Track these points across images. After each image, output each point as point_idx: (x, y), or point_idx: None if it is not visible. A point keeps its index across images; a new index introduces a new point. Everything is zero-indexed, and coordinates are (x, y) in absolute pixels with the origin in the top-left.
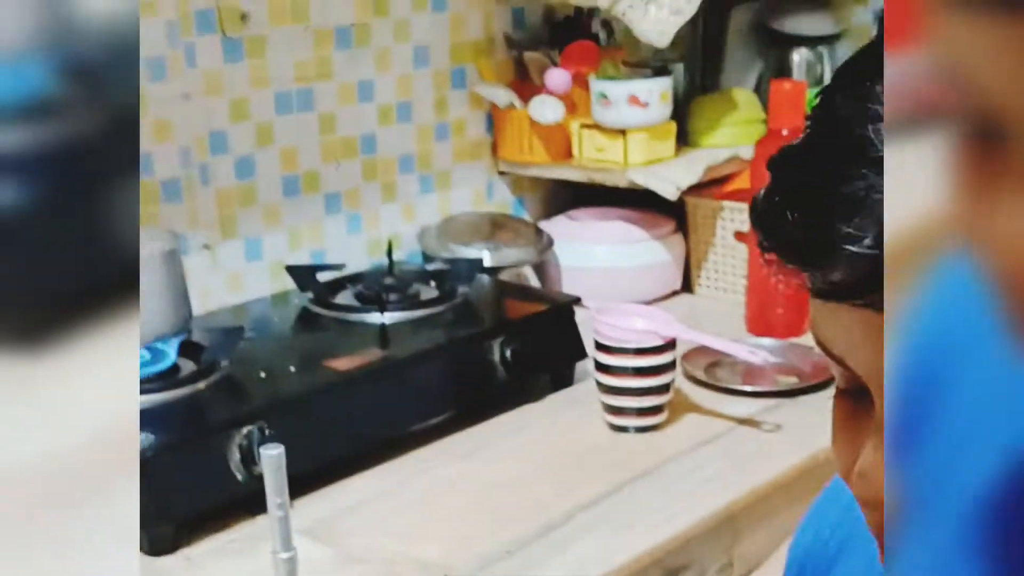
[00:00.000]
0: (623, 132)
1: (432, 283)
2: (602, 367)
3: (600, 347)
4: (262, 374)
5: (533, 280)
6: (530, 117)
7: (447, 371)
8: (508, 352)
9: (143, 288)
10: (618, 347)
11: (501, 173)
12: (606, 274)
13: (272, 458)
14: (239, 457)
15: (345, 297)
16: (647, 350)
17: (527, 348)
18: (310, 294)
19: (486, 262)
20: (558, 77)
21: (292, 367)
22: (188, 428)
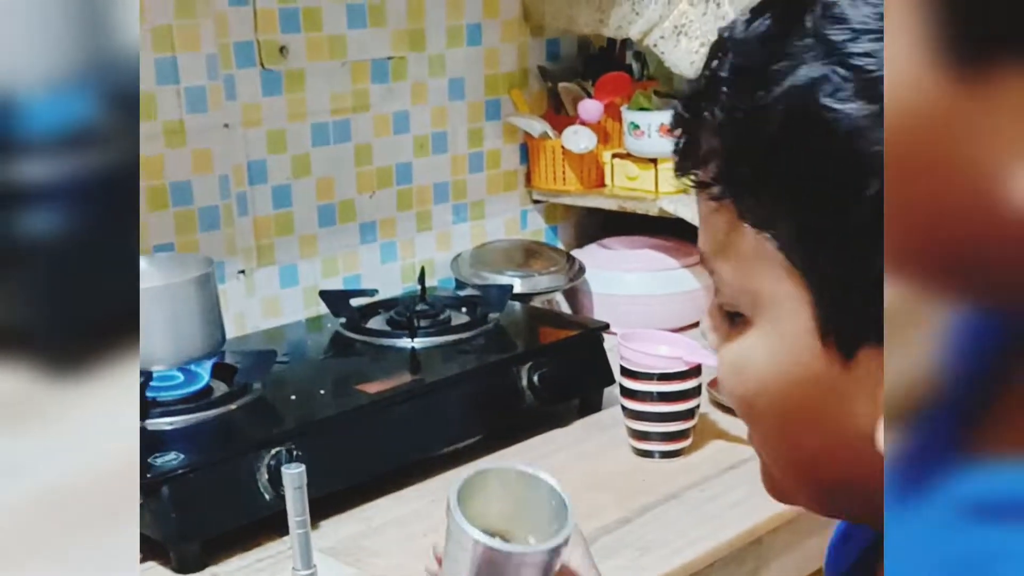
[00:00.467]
0: (654, 161)
1: (463, 309)
2: (627, 392)
3: (625, 372)
4: (293, 396)
5: (564, 307)
6: (563, 147)
7: (476, 395)
8: (536, 377)
9: (178, 311)
10: (643, 372)
11: (535, 201)
12: (637, 301)
13: (293, 476)
14: (267, 477)
15: (377, 322)
16: (672, 376)
17: (556, 373)
18: (343, 319)
19: (517, 288)
20: (591, 107)
21: (323, 390)
22: (218, 448)
